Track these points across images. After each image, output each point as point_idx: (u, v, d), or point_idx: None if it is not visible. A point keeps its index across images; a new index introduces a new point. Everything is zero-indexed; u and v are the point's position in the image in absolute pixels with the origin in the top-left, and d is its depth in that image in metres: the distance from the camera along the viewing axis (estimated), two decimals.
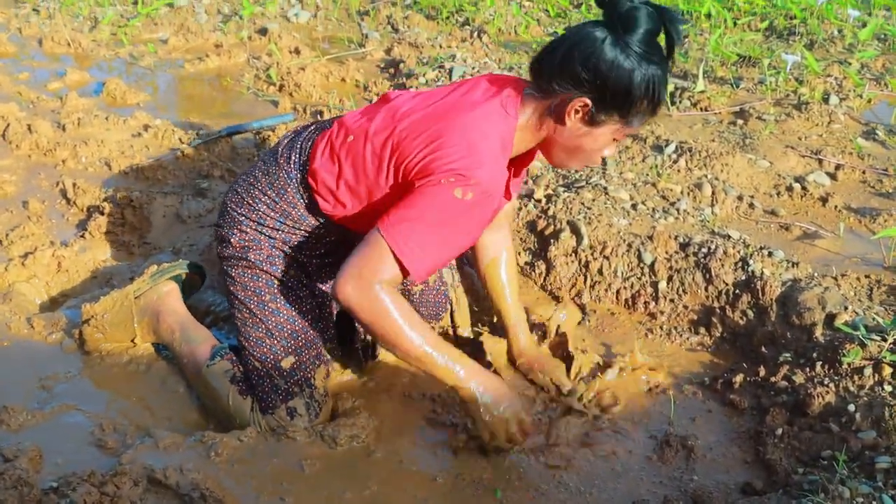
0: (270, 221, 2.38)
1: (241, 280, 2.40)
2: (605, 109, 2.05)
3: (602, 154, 2.19)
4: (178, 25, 5.76)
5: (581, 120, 2.09)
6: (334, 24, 6.02)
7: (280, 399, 2.33)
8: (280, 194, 2.35)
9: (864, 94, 4.45)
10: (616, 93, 2.02)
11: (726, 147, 3.82)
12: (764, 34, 5.51)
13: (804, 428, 2.27)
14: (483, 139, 2.06)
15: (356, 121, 2.27)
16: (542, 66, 2.11)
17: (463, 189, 1.99)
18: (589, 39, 2.02)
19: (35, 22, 5.68)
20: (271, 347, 2.35)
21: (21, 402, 2.38)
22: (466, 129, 2.07)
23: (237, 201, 2.42)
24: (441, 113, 2.13)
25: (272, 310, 2.37)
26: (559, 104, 2.08)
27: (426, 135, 2.08)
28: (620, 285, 2.95)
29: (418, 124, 2.12)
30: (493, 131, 2.09)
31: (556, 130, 2.13)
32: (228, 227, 2.42)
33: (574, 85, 2.04)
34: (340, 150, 2.24)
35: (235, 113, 4.50)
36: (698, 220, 3.17)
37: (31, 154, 3.86)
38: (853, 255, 3.11)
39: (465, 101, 2.14)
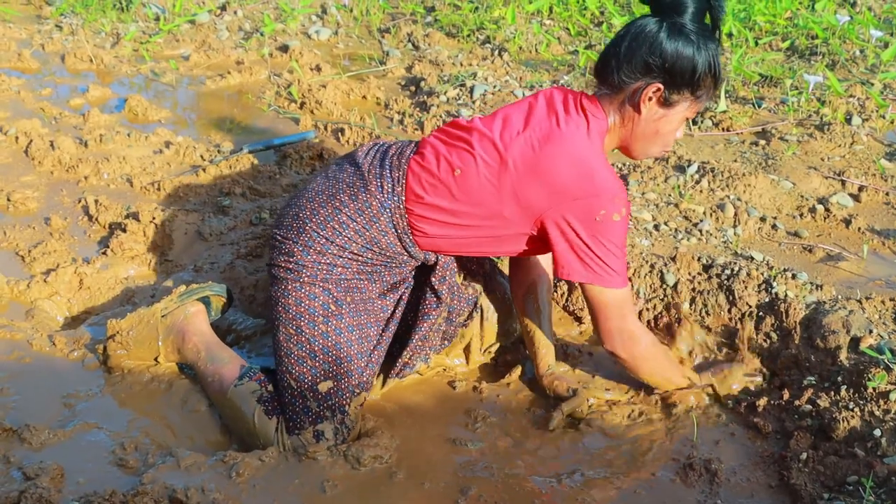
0: (355, 247, 2.37)
1: (296, 295, 2.37)
2: (676, 90, 2.25)
3: (676, 135, 2.37)
4: (199, 42, 5.79)
5: (657, 104, 2.28)
6: (355, 42, 6.04)
7: (309, 421, 2.32)
8: (371, 222, 2.36)
9: (887, 114, 4.43)
10: (683, 73, 2.22)
11: (749, 168, 3.80)
12: (786, 54, 5.49)
13: (829, 452, 2.25)
14: (595, 159, 2.26)
15: (451, 151, 2.35)
16: (607, 64, 2.30)
17: (618, 211, 2.23)
18: (647, 29, 2.23)
19: (58, 38, 5.72)
20: (311, 368, 2.34)
21: (43, 421, 2.39)
22: (580, 155, 2.25)
23: (320, 223, 2.37)
24: (545, 144, 2.27)
25: (322, 332, 2.35)
26: (632, 94, 2.27)
27: (545, 168, 2.24)
28: (643, 307, 2.93)
29: (536, 155, 2.26)
30: (596, 145, 2.30)
31: (635, 120, 2.31)
32: (304, 246, 2.37)
33: (643, 73, 2.24)
34: (446, 181, 2.32)
35: (256, 130, 4.52)
36: (721, 242, 3.15)
37: (53, 170, 3.88)
38: (877, 277, 3.08)
39: (559, 126, 2.28)
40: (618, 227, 2.24)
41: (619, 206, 2.22)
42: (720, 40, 2.27)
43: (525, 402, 2.61)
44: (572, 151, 2.24)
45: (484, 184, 2.28)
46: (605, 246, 2.24)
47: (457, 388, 2.65)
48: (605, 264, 2.25)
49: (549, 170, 2.24)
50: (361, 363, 2.39)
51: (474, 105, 4.57)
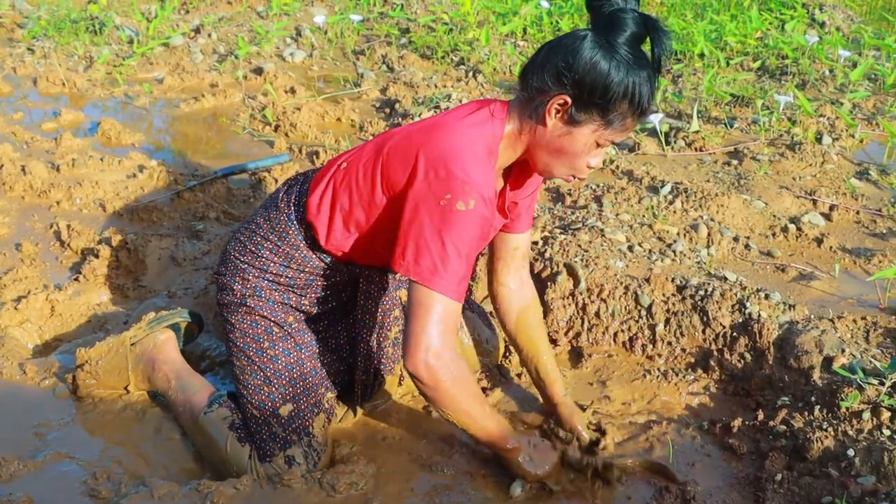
0: (274, 267, 2.38)
1: (240, 326, 2.40)
2: (584, 108, 2.04)
3: (588, 162, 2.15)
4: (173, 65, 5.78)
5: (561, 119, 2.08)
6: (330, 64, 6.05)
7: (278, 447, 2.30)
8: (282, 237, 2.36)
9: (857, 134, 4.48)
10: (594, 89, 2.01)
11: (721, 188, 3.83)
12: (756, 74, 5.55)
13: (804, 473, 2.25)
14: (467, 145, 2.09)
15: (350, 153, 2.34)
16: (525, 67, 2.13)
17: (464, 200, 2.03)
18: (572, 37, 2.05)
19: (30, 61, 5.70)
20: (269, 395, 2.34)
21: (13, 451, 2.36)
22: (451, 139, 2.10)
23: (240, 249, 2.43)
24: (426, 127, 2.18)
25: (270, 357, 2.37)
26: (540, 103, 2.09)
27: (413, 149, 2.12)
28: (618, 328, 2.94)
29: (405, 139, 2.18)
30: (477, 137, 2.12)
31: (537, 131, 2.13)
32: (231, 275, 2.43)
33: (553, 82, 2.05)
34: (334, 178, 2.28)
35: (231, 153, 4.51)
36: (695, 262, 3.17)
37: (24, 195, 3.85)
38: (849, 296, 3.11)
39: (450, 116, 2.19)
40: (461, 221, 2.03)
41: (466, 195, 2.02)
42: (657, 72, 2.05)
43: None
44: (444, 138, 2.10)
45: (361, 171, 2.22)
46: (441, 240, 2.03)
47: (433, 413, 2.63)
48: (432, 259, 2.03)
49: (414, 150, 2.11)
50: (316, 380, 2.40)
51: None
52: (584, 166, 2.16)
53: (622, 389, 2.75)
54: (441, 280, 2.04)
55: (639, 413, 2.65)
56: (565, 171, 2.18)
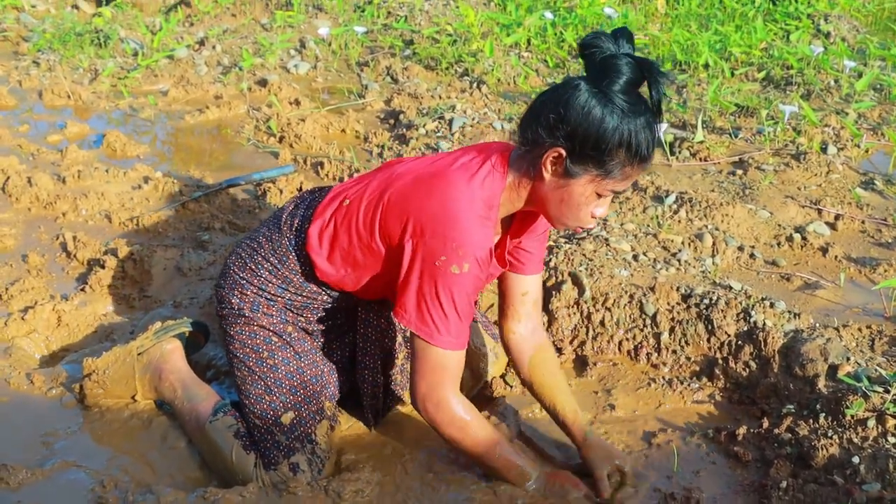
0: (272, 287, 2.41)
1: (239, 338, 2.42)
2: (579, 160, 2.00)
3: (592, 212, 2.12)
4: (178, 77, 5.81)
5: (557, 172, 2.05)
6: (334, 75, 6.07)
7: (282, 455, 2.31)
8: (282, 261, 2.38)
9: (862, 144, 4.48)
10: (586, 140, 1.97)
11: (726, 197, 3.84)
12: (761, 84, 5.56)
13: (809, 480, 2.25)
14: (467, 206, 2.08)
15: (353, 186, 2.32)
16: (522, 118, 2.11)
17: (458, 264, 2.06)
18: (565, 87, 2.01)
19: (35, 74, 5.73)
20: (271, 403, 2.35)
21: (21, 460, 2.36)
22: (449, 197, 2.09)
23: (240, 265, 2.44)
24: (426, 178, 2.16)
25: (270, 366, 2.38)
26: (536, 156, 2.06)
27: (408, 207, 2.13)
28: (623, 336, 2.94)
29: (405, 191, 2.16)
30: (476, 193, 2.10)
31: (536, 185, 2.11)
32: (229, 289, 2.45)
33: (547, 134, 2.01)
34: (336, 214, 2.29)
35: (236, 164, 4.52)
36: (699, 271, 3.17)
37: (31, 207, 3.87)
38: (854, 305, 3.11)
39: (452, 166, 2.16)
40: (456, 282, 2.06)
41: (460, 259, 2.05)
42: (658, 116, 1.99)
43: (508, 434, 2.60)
44: (445, 193, 2.09)
45: (361, 215, 2.22)
46: (437, 298, 2.08)
47: None
48: (432, 317, 2.09)
49: (414, 204, 2.11)
50: (317, 387, 2.41)
51: (453, 137, 4.59)
52: (587, 217, 2.13)
53: (627, 398, 2.75)
54: (440, 336, 2.11)
55: (644, 421, 2.65)
56: (571, 223, 2.15)
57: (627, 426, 2.62)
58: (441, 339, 2.11)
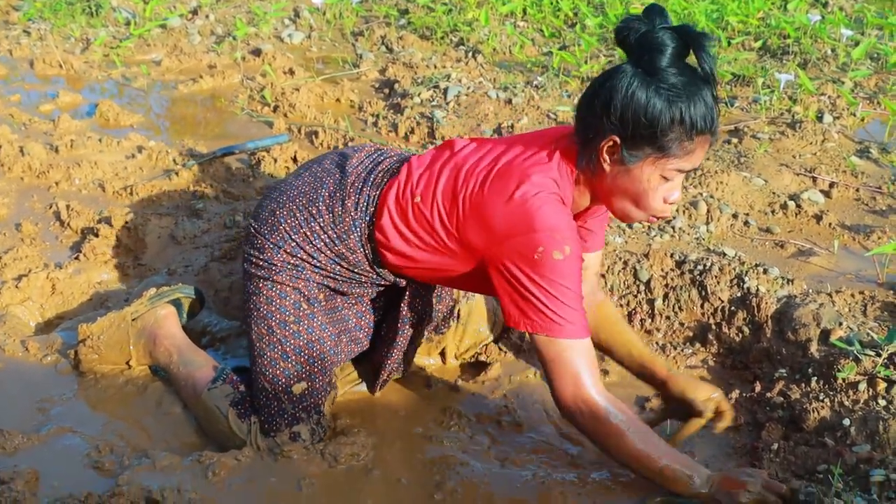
0: (323, 258, 2.31)
1: (267, 293, 2.33)
2: (634, 144, 1.95)
3: (662, 196, 2.03)
4: (171, 46, 5.77)
5: (615, 161, 1.99)
6: (328, 45, 6.04)
7: (285, 423, 2.31)
8: (342, 238, 2.28)
9: (858, 112, 4.48)
10: (637, 123, 1.92)
11: (721, 165, 3.84)
12: (758, 53, 5.54)
13: (800, 442, 2.28)
14: (541, 198, 2.00)
15: (422, 176, 2.21)
16: (577, 111, 2.06)
17: (559, 249, 1.97)
18: (612, 73, 1.96)
19: (26, 43, 5.68)
20: (284, 370, 2.32)
21: (17, 425, 2.37)
22: (528, 193, 2.01)
23: (293, 225, 2.31)
24: (499, 177, 2.07)
25: (293, 332, 2.32)
26: (592, 149, 2.01)
27: (491, 209, 2.04)
28: (617, 303, 2.95)
29: (481, 195, 2.07)
30: (551, 189, 2.03)
31: (600, 178, 2.05)
32: (274, 244, 2.32)
33: (600, 124, 1.96)
34: (408, 209, 2.19)
35: (230, 134, 4.51)
36: (693, 238, 3.18)
37: (23, 176, 3.85)
38: (847, 271, 3.12)
39: (522, 163, 2.08)
40: (562, 268, 1.98)
41: (559, 244, 1.97)
42: (711, 83, 1.92)
43: (500, 399, 2.61)
44: (520, 191, 2.02)
45: (435, 215, 2.14)
46: (547, 290, 1.98)
47: (433, 386, 2.65)
48: (549, 310, 1.99)
49: (488, 207, 2.05)
50: (334, 360, 2.39)
51: (448, 107, 4.58)
52: (659, 204, 2.05)
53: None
54: (564, 328, 2.00)
55: (637, 387, 2.65)
56: (642, 213, 2.08)
57: (621, 391, 2.63)
58: (566, 330, 1.99)
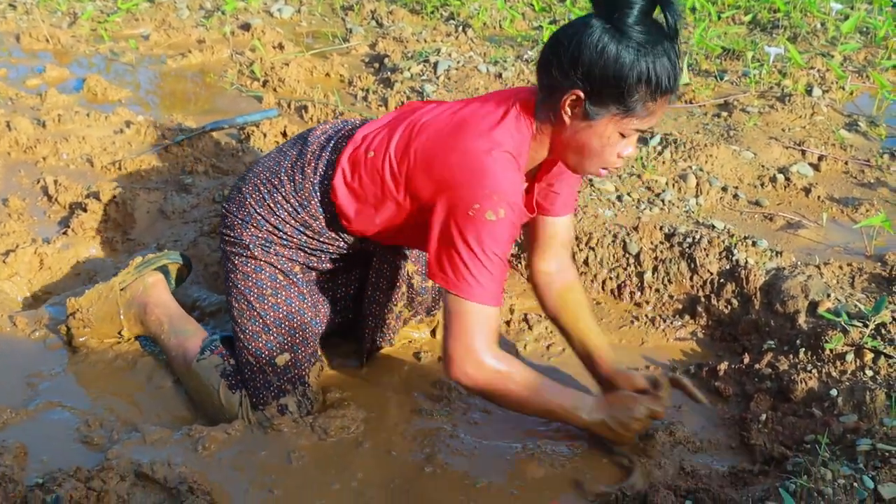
0: (289, 229, 2.32)
1: (242, 269, 2.35)
2: (599, 100, 1.91)
3: (618, 152, 2.02)
4: (159, 21, 5.73)
5: (577, 115, 1.96)
6: (318, 20, 6.00)
7: (272, 395, 2.32)
8: (303, 206, 2.29)
9: (847, 86, 4.48)
10: (605, 79, 1.87)
11: (711, 139, 3.84)
12: (748, 27, 5.53)
13: (788, 413, 2.29)
14: (493, 153, 1.98)
15: (377, 135, 2.21)
16: (538, 62, 2.01)
17: (493, 210, 1.94)
18: (577, 26, 1.92)
19: (12, 17, 5.63)
20: (266, 343, 2.33)
21: (5, 401, 2.37)
22: (475, 147, 1.99)
23: (258, 199, 2.34)
24: (451, 130, 2.06)
25: (272, 304, 2.33)
26: (554, 101, 1.97)
27: (435, 159, 2.04)
28: (606, 276, 2.95)
29: (430, 146, 2.07)
30: (504, 142, 2.01)
31: (559, 131, 2.02)
32: (242, 220, 2.35)
33: (564, 77, 1.92)
34: (362, 166, 2.19)
35: (219, 109, 4.48)
36: (683, 211, 3.18)
37: (10, 151, 3.83)
38: (836, 244, 3.13)
39: (476, 116, 2.07)
40: (492, 230, 1.95)
41: (496, 204, 1.94)
42: (676, 41, 1.89)
43: None
44: (470, 144, 2.00)
45: (386, 167, 2.13)
46: (471, 248, 1.96)
47: (422, 359, 2.65)
48: (466, 269, 1.97)
49: (437, 157, 2.04)
50: (316, 330, 2.40)
51: (438, 81, 4.56)
52: (612, 159, 2.03)
53: (610, 336, 2.77)
54: (474, 291, 1.98)
55: (627, 359, 2.67)
56: (595, 167, 2.07)
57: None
58: (477, 292, 1.98)
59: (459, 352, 2.01)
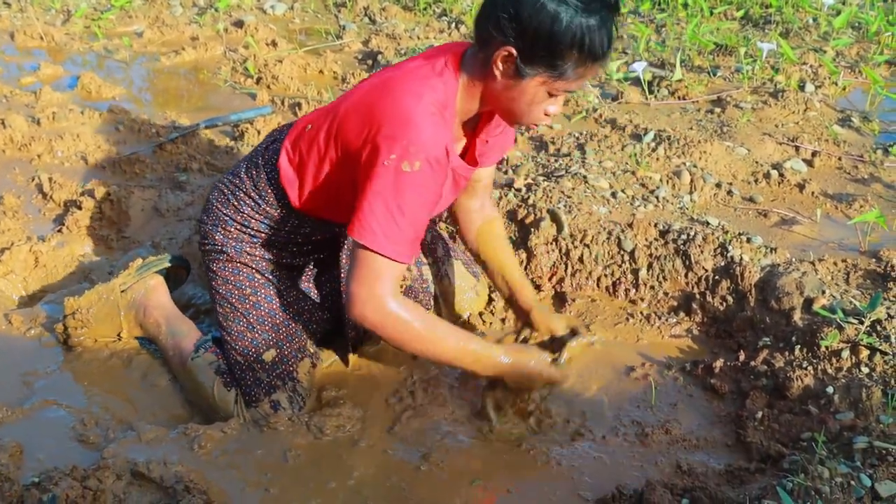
0: (254, 223, 2.38)
1: (222, 274, 2.41)
2: (530, 60, 1.92)
3: (546, 110, 2.05)
4: (152, 18, 5.72)
5: (508, 72, 1.96)
6: (311, 16, 5.99)
7: (263, 392, 2.32)
8: (262, 197, 2.35)
9: (839, 81, 4.49)
10: (538, 39, 1.88)
11: (704, 135, 3.84)
12: (740, 23, 5.53)
13: (784, 410, 2.29)
14: (416, 105, 1.99)
15: (317, 114, 2.29)
16: (476, 16, 2.02)
17: (409, 161, 1.95)
18: None
19: (6, 15, 5.61)
20: (252, 341, 2.35)
21: (1, 399, 2.37)
22: (400, 98, 2.01)
23: (223, 201, 2.41)
24: (379, 85, 2.09)
25: (253, 303, 2.38)
26: (487, 55, 1.97)
27: (362, 112, 2.06)
28: (601, 273, 2.96)
29: (359, 100, 2.11)
30: (429, 94, 2.02)
31: (487, 84, 2.03)
32: (212, 225, 2.43)
33: (499, 32, 1.91)
34: (300, 142, 2.25)
35: (213, 106, 4.48)
36: (677, 208, 3.18)
37: (5, 149, 3.82)
38: (830, 240, 3.14)
39: (403, 70, 2.10)
40: (405, 182, 1.96)
41: (411, 156, 1.94)
42: (614, 11, 1.90)
43: None
44: (397, 96, 2.01)
45: (322, 131, 2.17)
46: (384, 200, 1.97)
47: (417, 357, 2.65)
48: (375, 220, 1.97)
49: (367, 110, 2.05)
50: (300, 325, 2.42)
51: None
52: (539, 115, 2.06)
53: (606, 333, 2.78)
54: (380, 241, 1.98)
55: (622, 356, 2.67)
56: (523, 120, 2.10)
57: (606, 360, 2.65)
58: (381, 243, 1.98)
59: (362, 295, 2.02)
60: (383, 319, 2.03)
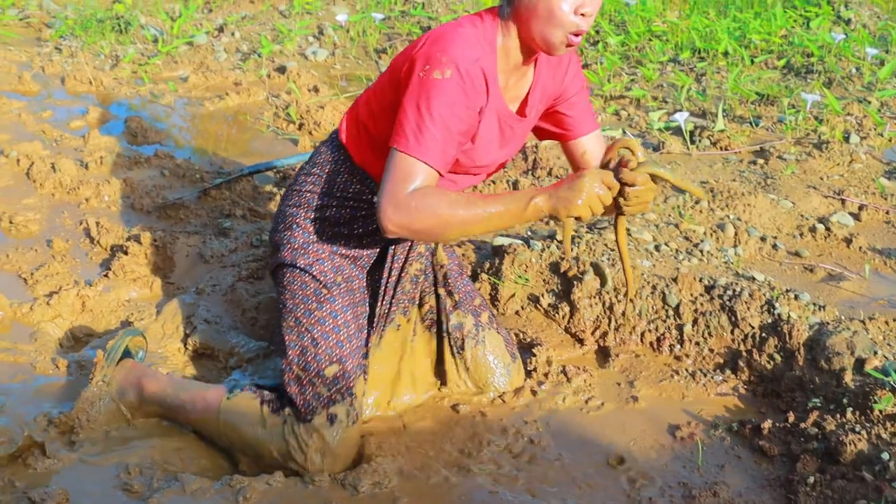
0: (317, 200, 2.47)
1: (290, 287, 2.46)
2: None
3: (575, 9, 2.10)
4: (197, 63, 5.81)
5: None
6: (352, 62, 6.06)
7: (322, 405, 2.32)
8: (322, 167, 2.49)
9: (885, 132, 4.45)
10: None
11: (748, 187, 3.82)
12: (781, 72, 5.52)
13: (837, 476, 2.24)
14: (455, 27, 2.18)
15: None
16: None
17: (441, 70, 2.10)
18: None
19: (58, 60, 5.73)
20: (315, 356, 2.36)
21: (48, 446, 2.38)
22: (441, 27, 2.21)
23: (287, 196, 2.56)
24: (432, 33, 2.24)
25: (318, 318, 2.40)
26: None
27: (415, 44, 2.23)
28: (645, 328, 2.93)
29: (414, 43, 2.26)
30: (469, 26, 2.20)
31: (518, 13, 2.18)
32: (283, 227, 2.52)
33: None
34: (361, 104, 2.42)
35: (255, 151, 4.53)
36: (722, 262, 3.16)
37: (54, 193, 3.88)
38: (879, 297, 3.09)
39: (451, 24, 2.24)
40: (436, 88, 2.10)
41: (443, 65, 2.09)
42: None
43: (531, 426, 2.59)
44: (441, 31, 2.19)
45: (378, 85, 2.35)
46: (418, 107, 2.10)
47: (460, 411, 2.64)
48: (409, 124, 2.10)
49: (412, 48, 2.23)
50: (360, 342, 2.45)
51: None
52: (571, 18, 2.11)
53: (650, 389, 2.75)
54: (412, 143, 2.10)
55: (667, 414, 2.64)
56: (560, 31, 2.13)
57: (650, 418, 2.62)
58: (411, 145, 2.10)
59: (387, 196, 2.11)
60: (409, 215, 2.09)
